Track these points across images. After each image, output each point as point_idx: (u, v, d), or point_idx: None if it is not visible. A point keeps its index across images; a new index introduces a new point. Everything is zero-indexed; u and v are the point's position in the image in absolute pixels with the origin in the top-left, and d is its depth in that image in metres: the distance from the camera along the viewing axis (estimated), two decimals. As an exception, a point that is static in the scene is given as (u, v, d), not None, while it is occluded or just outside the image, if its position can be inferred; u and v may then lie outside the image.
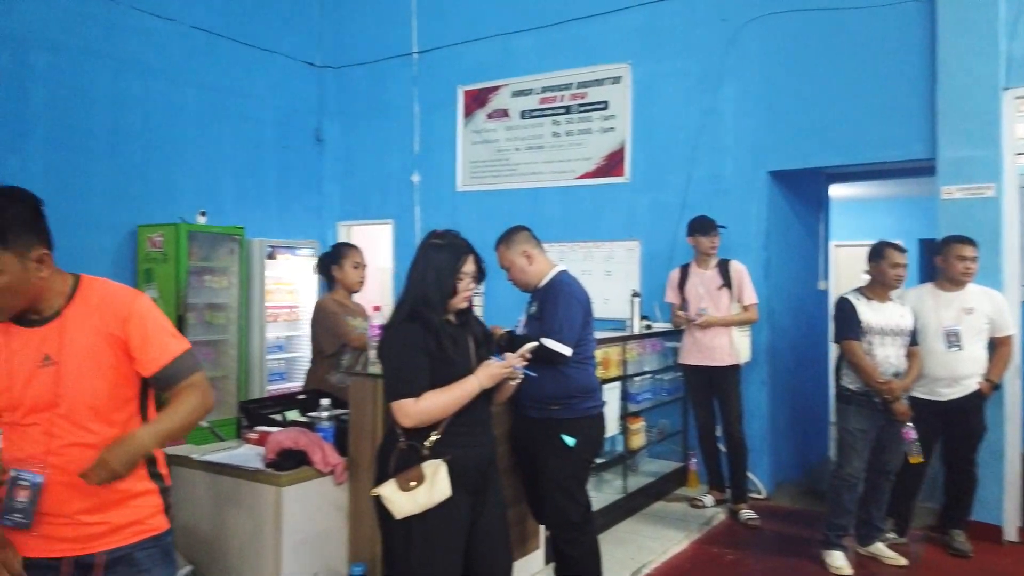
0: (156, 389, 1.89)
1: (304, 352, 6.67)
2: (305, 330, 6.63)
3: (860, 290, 4.03)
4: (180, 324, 5.55)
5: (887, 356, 3.87)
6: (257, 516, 2.66)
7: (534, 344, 2.53)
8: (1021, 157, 4.66)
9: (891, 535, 4.23)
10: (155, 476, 1.90)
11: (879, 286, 3.97)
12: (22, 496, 1.71)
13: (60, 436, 1.74)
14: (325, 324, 3.74)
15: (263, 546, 2.63)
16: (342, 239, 7.20)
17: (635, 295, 5.03)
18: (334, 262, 3.83)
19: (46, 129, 5.21)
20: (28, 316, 1.77)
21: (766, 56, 5.24)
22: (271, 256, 6.30)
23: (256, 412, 3.23)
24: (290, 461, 2.71)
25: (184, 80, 6.04)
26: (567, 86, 6.00)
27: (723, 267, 4.83)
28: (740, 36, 5.30)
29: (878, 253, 3.97)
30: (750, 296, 4.80)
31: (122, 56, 5.62)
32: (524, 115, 6.20)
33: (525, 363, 2.49)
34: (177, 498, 2.89)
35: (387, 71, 6.88)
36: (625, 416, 4.64)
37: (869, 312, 3.91)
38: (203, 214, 5.92)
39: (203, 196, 6.13)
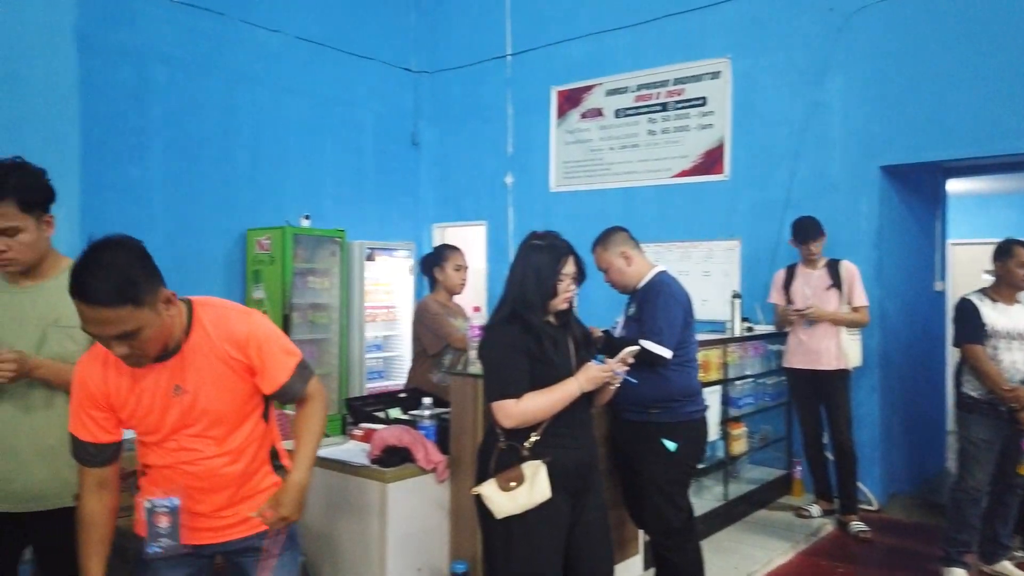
0: (277, 402, 1.99)
1: (401, 351, 6.84)
2: (401, 329, 6.82)
3: (984, 291, 3.77)
4: (285, 323, 5.78)
5: (1014, 361, 3.60)
6: (363, 511, 2.73)
7: (635, 348, 2.48)
8: None
9: (1019, 553, 3.94)
10: (278, 468, 2.01)
11: (1006, 287, 3.70)
12: (164, 522, 1.83)
13: (196, 449, 1.86)
14: (428, 324, 3.79)
15: (369, 540, 2.69)
16: (437, 241, 7.33)
17: (735, 296, 4.88)
18: (436, 264, 3.89)
19: (164, 140, 5.54)
20: None
21: (877, 44, 4.98)
22: (370, 257, 6.48)
23: (360, 409, 3.31)
24: (394, 458, 2.76)
25: (289, 89, 6.29)
26: (663, 83, 5.89)
27: (832, 267, 4.61)
28: (849, 24, 5.06)
29: (1005, 251, 3.70)
30: (861, 298, 4.57)
31: (232, 68, 5.91)
32: (618, 114, 6.13)
33: (626, 368, 2.45)
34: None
35: (481, 74, 6.95)
36: (726, 421, 4.51)
37: (994, 314, 3.65)
38: (307, 217, 6.16)
39: (307, 200, 6.37)
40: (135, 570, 1.92)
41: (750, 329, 4.93)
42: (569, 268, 2.47)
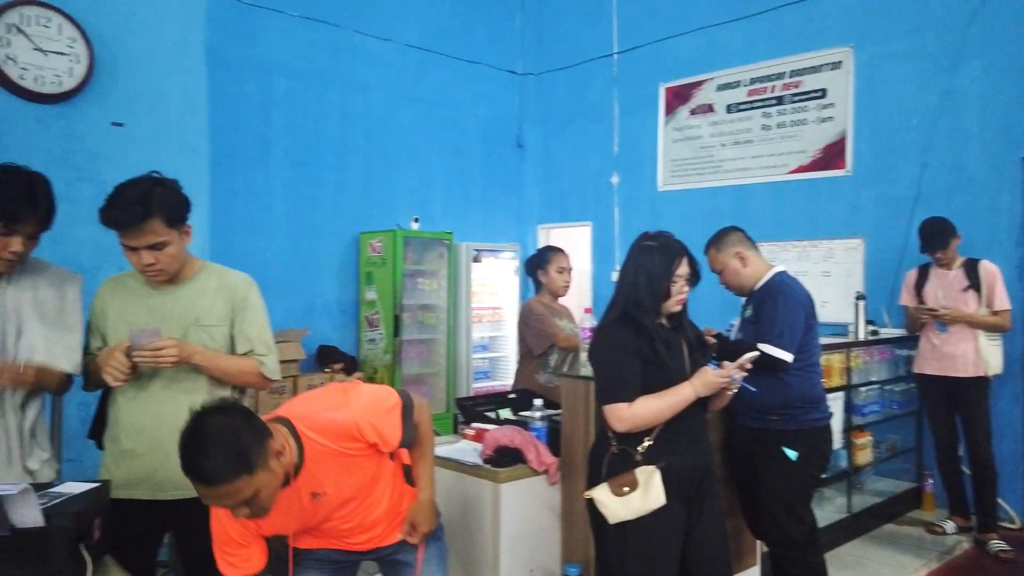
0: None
1: (506, 352, 6.90)
2: (507, 330, 6.87)
3: None
4: (396, 324, 5.94)
5: None
6: (476, 509, 2.75)
7: (754, 354, 2.38)
8: None
9: None
10: (410, 482, 2.15)
11: None
12: None
13: (343, 518, 2.01)
14: (532, 325, 3.80)
15: (483, 539, 2.71)
16: (542, 242, 7.34)
17: (859, 297, 4.62)
18: (540, 266, 3.89)
19: (284, 148, 5.81)
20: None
21: (1019, 26, 4.59)
22: (476, 259, 6.56)
23: (471, 409, 3.35)
24: (506, 458, 2.77)
25: (399, 96, 6.46)
26: (778, 76, 5.66)
27: (970, 268, 4.27)
28: (986, 7, 4.69)
29: None
30: (1002, 301, 4.21)
31: (347, 77, 6.13)
32: (730, 109, 5.94)
33: (744, 373, 2.35)
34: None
35: (586, 74, 6.91)
36: (849, 430, 4.27)
37: None
38: (416, 220, 6.31)
39: (416, 203, 6.53)
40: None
41: (875, 333, 4.65)
42: (683, 269, 2.40)
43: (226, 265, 2.40)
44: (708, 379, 2.32)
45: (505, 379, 6.87)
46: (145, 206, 2.04)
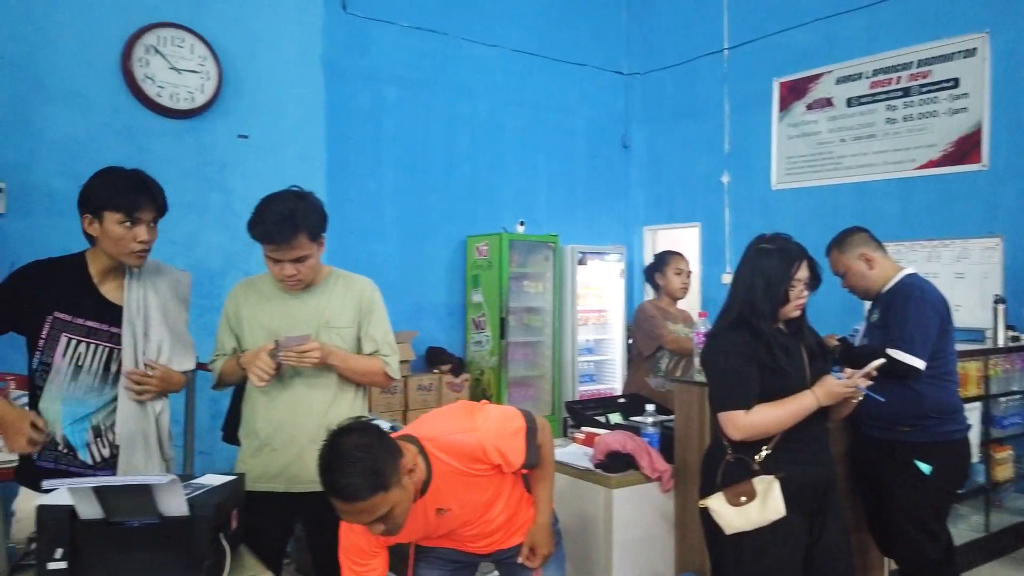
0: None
1: (612, 355, 6.83)
2: (613, 333, 6.81)
3: None
4: (502, 326, 6.00)
5: None
6: (588, 514, 2.74)
7: (880, 361, 2.24)
8: None
9: None
10: (528, 488, 2.18)
11: None
12: None
13: (466, 528, 2.07)
14: (642, 326, 3.77)
15: (595, 544, 2.70)
16: (648, 244, 7.24)
17: (998, 301, 4.28)
18: (657, 270, 3.85)
19: (395, 155, 5.98)
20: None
21: None
22: (581, 262, 6.53)
23: (581, 412, 3.33)
24: (618, 464, 2.74)
25: (505, 100, 6.53)
26: (905, 66, 5.33)
27: None
28: None
29: None
30: None
31: (454, 83, 6.25)
32: (851, 102, 5.64)
33: (870, 382, 2.22)
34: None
35: (695, 71, 6.75)
36: (987, 443, 3.97)
37: None
38: (522, 223, 6.35)
39: (521, 206, 6.57)
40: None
41: (1016, 339, 4.30)
42: (802, 273, 2.29)
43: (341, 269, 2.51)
44: (831, 388, 2.21)
45: (611, 383, 6.81)
46: (294, 223, 2.15)
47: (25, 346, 2.12)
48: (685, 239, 6.89)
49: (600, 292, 6.76)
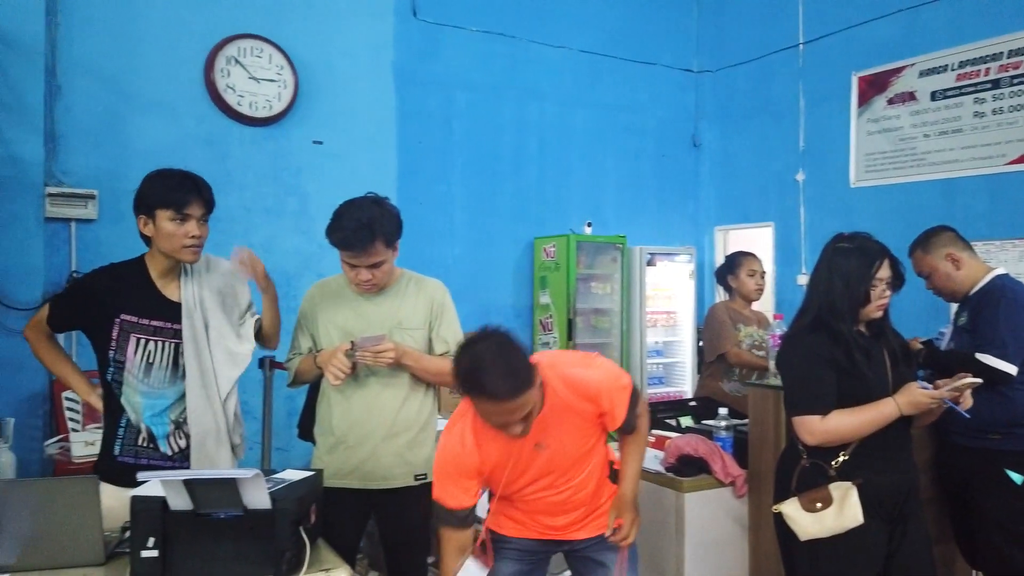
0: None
1: (681, 357, 6.74)
2: (682, 335, 6.71)
3: None
4: (570, 328, 5.99)
5: None
6: (659, 518, 2.71)
7: (975, 381, 2.14)
8: None
9: None
10: (613, 479, 2.20)
11: None
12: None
13: (551, 487, 2.07)
14: (709, 331, 3.69)
15: (666, 548, 2.67)
16: (719, 244, 7.10)
17: (1099, 303, 4.01)
18: (729, 272, 3.77)
19: (464, 158, 6.05)
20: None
21: None
22: (650, 263, 6.46)
23: (651, 415, 3.30)
24: (690, 468, 2.70)
25: (573, 102, 6.52)
26: (994, 57, 5.07)
27: None
28: None
29: None
30: None
31: (523, 86, 6.28)
32: (935, 96, 5.40)
33: (957, 394, 2.12)
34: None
35: (769, 67, 6.59)
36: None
37: None
38: (589, 225, 6.33)
39: (589, 207, 6.55)
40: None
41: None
42: (884, 272, 2.22)
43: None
44: (915, 398, 2.13)
45: (680, 385, 6.72)
46: (372, 231, 2.22)
47: (91, 346, 2.26)
48: (758, 239, 6.74)
49: (670, 294, 6.67)
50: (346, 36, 5.52)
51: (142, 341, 2.16)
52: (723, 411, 2.89)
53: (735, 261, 3.77)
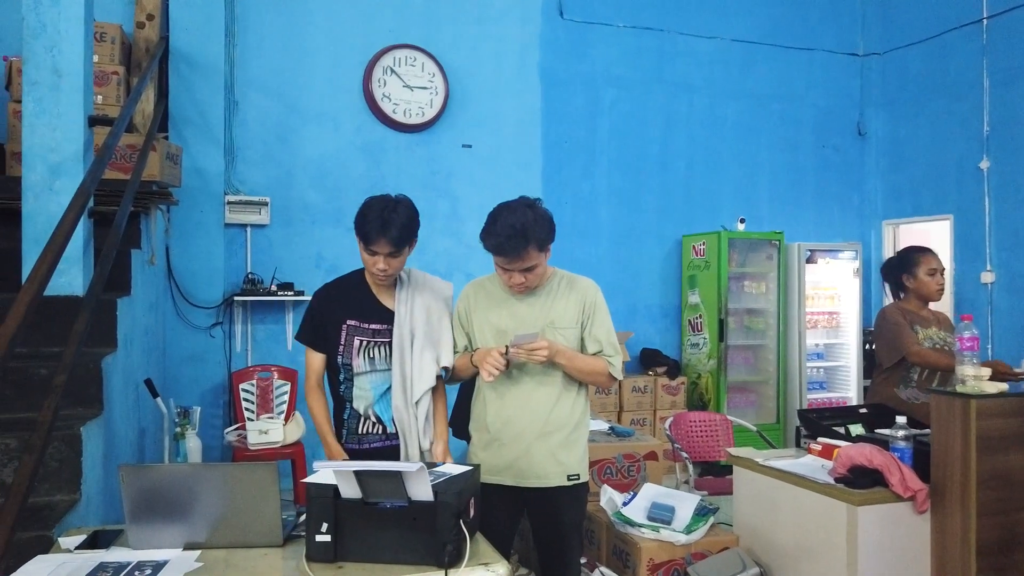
0: None
1: (845, 361, 6.31)
2: (846, 338, 6.29)
3: None
4: (721, 329, 5.76)
5: None
6: (829, 532, 2.52)
7: None
8: None
9: None
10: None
11: None
12: None
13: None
14: (884, 334, 3.35)
15: (837, 565, 2.48)
16: (887, 240, 6.60)
17: None
18: (904, 271, 3.40)
19: (609, 156, 5.98)
20: None
21: None
22: (810, 260, 6.10)
23: (816, 422, 3.09)
24: (863, 479, 2.49)
25: (724, 93, 6.27)
26: None
27: None
28: None
29: None
30: None
31: (671, 80, 6.12)
32: None
33: None
34: (745, 499, 2.95)
35: (946, 45, 6.02)
36: None
37: None
38: (742, 221, 6.06)
39: (741, 203, 6.28)
40: None
41: None
42: None
43: None
44: None
45: (843, 391, 6.29)
46: (525, 237, 2.24)
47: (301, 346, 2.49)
48: (932, 234, 6.18)
49: (832, 293, 6.26)
50: (494, 41, 5.62)
51: (364, 343, 2.37)
52: (900, 419, 2.64)
53: (910, 259, 3.40)
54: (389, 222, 2.26)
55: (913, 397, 3.22)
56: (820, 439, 2.91)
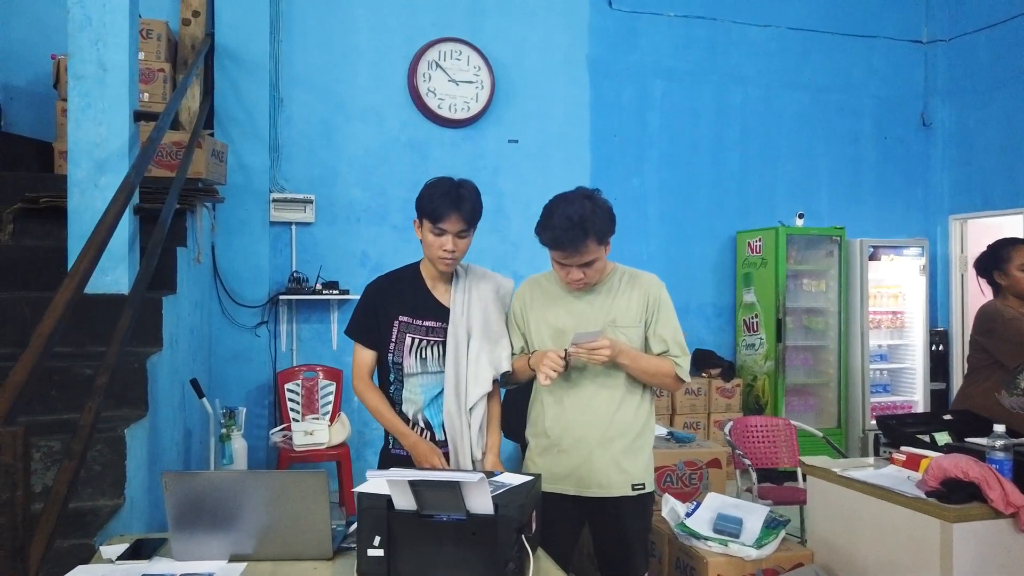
0: None
1: (910, 363, 6.03)
2: (912, 338, 5.98)
3: None
4: (779, 329, 5.52)
5: None
6: (919, 550, 2.31)
7: None
8: None
9: None
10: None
11: None
12: None
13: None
14: (1002, 332, 3.01)
15: (930, 587, 2.27)
16: (954, 235, 6.27)
17: None
18: (995, 266, 3.11)
19: (660, 150, 5.78)
20: None
21: None
22: (873, 257, 5.82)
23: (898, 429, 2.87)
24: (959, 493, 2.27)
25: (780, 84, 6.02)
26: None
27: None
28: None
29: None
30: None
31: (724, 70, 5.89)
32: None
33: None
34: (821, 512, 2.75)
35: (1018, 31, 5.69)
36: None
37: None
38: (800, 216, 5.80)
39: (799, 198, 6.02)
40: None
41: None
42: None
43: None
44: None
45: (908, 394, 5.99)
46: (583, 229, 2.08)
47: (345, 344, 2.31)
48: (1004, 228, 5.84)
49: (896, 291, 5.96)
50: (541, 33, 5.47)
51: (416, 341, 2.22)
52: (999, 428, 2.41)
53: (1003, 254, 3.10)
54: (460, 197, 2.13)
55: (1017, 406, 2.93)
56: (904, 448, 2.69)
